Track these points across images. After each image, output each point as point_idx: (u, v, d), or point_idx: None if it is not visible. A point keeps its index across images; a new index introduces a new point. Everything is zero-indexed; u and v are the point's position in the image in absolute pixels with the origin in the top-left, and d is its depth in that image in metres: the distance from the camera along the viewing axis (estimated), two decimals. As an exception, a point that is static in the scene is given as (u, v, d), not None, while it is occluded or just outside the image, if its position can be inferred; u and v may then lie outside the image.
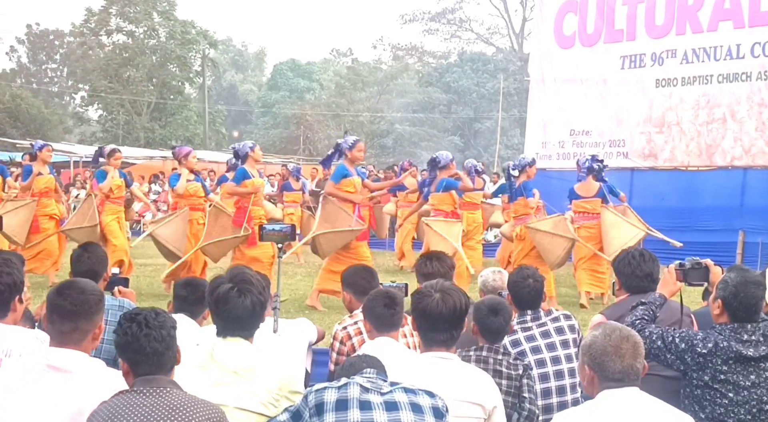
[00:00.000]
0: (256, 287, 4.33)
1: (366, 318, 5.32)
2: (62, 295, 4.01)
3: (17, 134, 46.98)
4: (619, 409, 3.80)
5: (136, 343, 3.64)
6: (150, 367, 3.65)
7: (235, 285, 4.31)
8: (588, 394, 4.03)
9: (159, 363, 3.66)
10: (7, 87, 58.71)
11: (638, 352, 3.90)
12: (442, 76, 59.14)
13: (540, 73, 22.65)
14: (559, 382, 5.59)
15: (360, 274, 6.52)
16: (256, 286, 4.34)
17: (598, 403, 3.87)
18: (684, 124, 19.35)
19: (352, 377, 3.96)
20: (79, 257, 6.24)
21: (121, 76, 57.68)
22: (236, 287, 4.30)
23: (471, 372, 4.59)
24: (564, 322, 5.82)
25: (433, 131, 55.57)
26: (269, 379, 4.17)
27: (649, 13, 20.03)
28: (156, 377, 3.64)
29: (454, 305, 4.44)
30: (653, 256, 5.83)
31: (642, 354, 3.92)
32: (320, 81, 70.24)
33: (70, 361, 3.90)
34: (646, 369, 3.97)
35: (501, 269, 7.13)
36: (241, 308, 4.26)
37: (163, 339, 3.67)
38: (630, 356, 3.87)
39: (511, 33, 63.52)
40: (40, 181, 13.87)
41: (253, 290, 4.31)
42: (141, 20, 57.67)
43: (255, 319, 4.35)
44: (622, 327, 4.02)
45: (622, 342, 3.89)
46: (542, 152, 21.44)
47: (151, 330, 3.65)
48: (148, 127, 56.28)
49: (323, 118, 59.61)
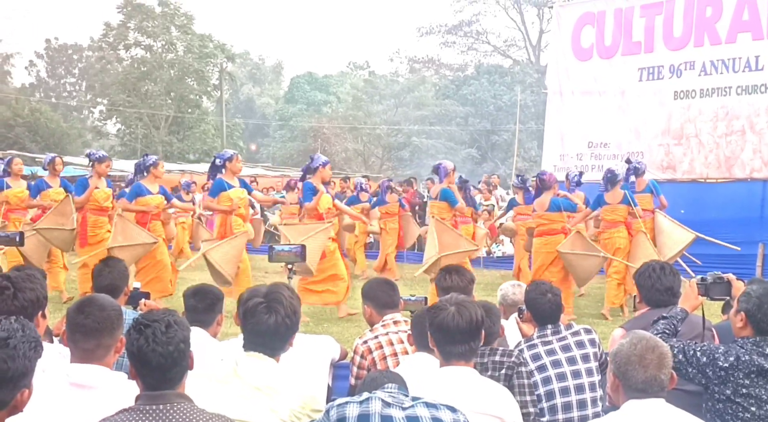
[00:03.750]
0: (285, 308, 4.28)
1: (412, 331, 5.38)
2: (83, 313, 4.01)
3: (36, 148, 47.22)
4: (644, 421, 3.79)
5: (142, 356, 3.57)
6: (154, 381, 3.59)
7: (265, 301, 4.28)
8: (614, 404, 4.01)
9: (164, 378, 3.59)
10: (27, 101, 59.15)
11: (663, 363, 3.88)
12: (459, 88, 59.12)
13: (557, 86, 22.63)
14: (580, 396, 5.57)
15: (380, 287, 6.45)
16: (285, 307, 4.29)
17: (623, 414, 3.85)
18: (703, 136, 19.30)
19: (374, 392, 3.95)
20: (100, 272, 6.25)
21: (140, 90, 58.05)
22: (266, 303, 4.28)
23: (490, 385, 4.57)
24: (584, 336, 5.80)
25: (450, 143, 55.49)
26: (292, 397, 4.15)
27: (667, 25, 19.99)
28: (162, 392, 3.56)
29: (470, 317, 4.43)
30: (674, 270, 5.81)
31: (668, 365, 3.89)
32: (337, 94, 70.34)
33: (92, 377, 3.91)
34: (675, 382, 3.95)
35: (520, 283, 7.12)
36: (266, 326, 4.24)
37: (169, 355, 3.57)
38: (654, 366, 3.85)
39: (528, 45, 63.51)
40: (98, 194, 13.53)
41: (281, 310, 4.27)
42: (159, 34, 58.03)
43: (279, 338, 4.30)
44: (650, 336, 3.99)
45: (647, 352, 3.87)
46: (560, 164, 21.42)
47: (158, 345, 3.56)
48: (166, 140, 56.52)
49: (340, 131, 59.73)
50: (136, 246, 12.24)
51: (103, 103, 65.17)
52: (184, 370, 3.66)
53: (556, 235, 13.10)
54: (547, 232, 13.22)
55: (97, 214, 13.24)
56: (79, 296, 7.84)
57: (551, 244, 13.02)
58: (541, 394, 5.51)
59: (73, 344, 4.00)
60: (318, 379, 5.74)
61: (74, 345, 4.00)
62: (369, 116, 60.96)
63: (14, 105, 56.26)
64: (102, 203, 13.27)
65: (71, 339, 4.01)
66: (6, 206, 13.96)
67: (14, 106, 55.77)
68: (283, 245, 6.85)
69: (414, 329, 5.45)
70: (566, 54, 22.39)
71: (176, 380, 3.62)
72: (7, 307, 4.43)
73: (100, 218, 13.25)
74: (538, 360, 5.61)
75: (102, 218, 13.27)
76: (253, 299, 4.33)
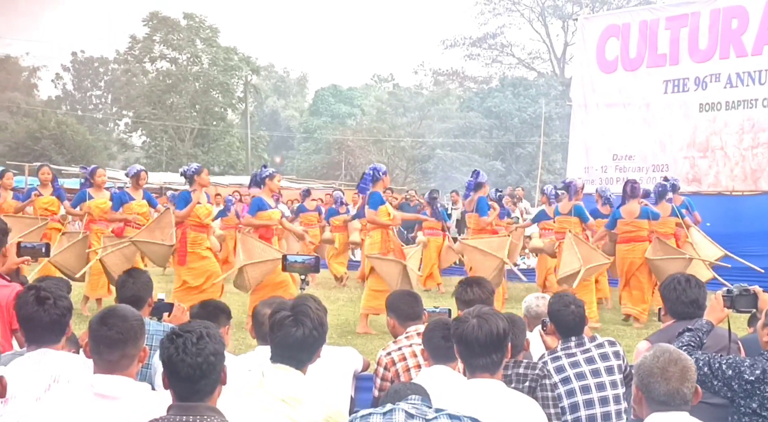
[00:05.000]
0: (312, 321, 4.28)
1: (424, 346, 5.35)
2: (106, 325, 4.01)
3: (63, 161, 47.56)
4: None
5: (172, 365, 3.58)
6: (183, 391, 3.59)
7: (292, 314, 4.29)
8: (638, 416, 3.99)
9: (192, 389, 3.58)
10: (53, 114, 59.60)
11: (686, 377, 3.86)
12: (484, 101, 59.01)
13: (582, 98, 22.62)
14: (605, 409, 5.53)
15: (403, 299, 6.46)
16: (312, 319, 4.29)
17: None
18: (728, 148, 19.24)
19: (397, 403, 3.95)
20: (124, 283, 6.27)
21: (165, 103, 58.38)
22: (293, 316, 4.28)
23: (518, 397, 4.55)
24: (609, 348, 5.76)
25: (474, 155, 55.37)
26: (316, 409, 4.14)
27: (692, 37, 19.96)
28: (193, 404, 3.56)
29: (491, 330, 4.40)
30: (700, 282, 5.79)
31: (691, 379, 3.87)
32: (361, 106, 70.38)
33: (116, 387, 3.92)
34: (699, 396, 3.92)
35: (545, 295, 7.08)
36: (293, 338, 4.24)
37: (198, 366, 3.56)
38: (676, 379, 3.83)
39: (553, 58, 63.45)
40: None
41: (308, 322, 4.27)
42: (184, 47, 58.35)
43: (306, 351, 4.31)
44: (674, 349, 3.98)
45: (669, 364, 3.86)
46: (585, 176, 21.37)
47: (187, 355, 3.55)
48: (191, 153, 56.72)
49: (365, 143, 59.75)
50: (267, 263, 11.71)
51: (129, 115, 65.59)
52: (213, 383, 3.64)
53: (643, 242, 13.69)
54: (634, 239, 13.71)
55: (198, 231, 12.24)
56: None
57: (638, 251, 13.63)
58: (566, 407, 5.48)
59: (97, 356, 4.01)
60: (342, 391, 5.73)
61: (99, 356, 4.00)
62: (393, 128, 60.96)
63: (41, 117, 56.68)
64: (203, 219, 12.26)
65: (95, 351, 4.01)
66: (88, 217, 13.74)
67: (41, 118, 56.19)
68: (296, 256, 6.78)
69: (427, 343, 5.40)
70: (591, 66, 22.38)
71: (205, 392, 3.61)
72: (49, 316, 4.52)
73: (200, 235, 12.27)
74: (562, 373, 5.58)
75: (201, 235, 12.28)
76: (281, 312, 4.34)
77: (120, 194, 13.73)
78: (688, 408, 3.84)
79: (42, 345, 4.49)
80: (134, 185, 13.64)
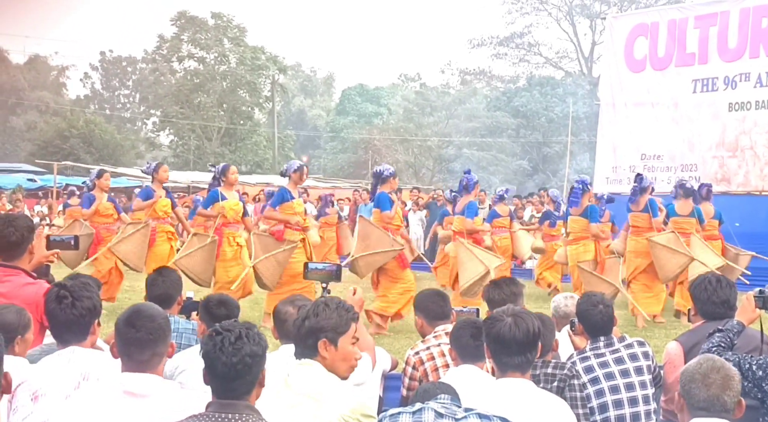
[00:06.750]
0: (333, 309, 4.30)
1: (452, 345, 5.35)
2: (135, 326, 4.00)
3: (91, 160, 47.75)
4: None
5: (209, 362, 3.57)
6: (219, 389, 3.58)
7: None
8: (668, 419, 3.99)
9: (228, 388, 3.57)
10: (81, 113, 59.96)
11: (728, 385, 3.86)
12: (511, 100, 58.81)
13: (610, 97, 22.55)
14: (634, 409, 5.51)
15: (432, 299, 6.44)
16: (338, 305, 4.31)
17: None
18: (758, 148, 19.13)
19: (427, 402, 3.95)
20: (154, 281, 6.31)
21: (192, 102, 58.53)
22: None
23: (547, 397, 4.54)
24: (638, 349, 5.73)
25: (501, 155, 55.23)
26: (341, 403, 4.13)
27: (721, 36, 19.84)
28: (232, 402, 3.54)
29: (527, 328, 4.41)
30: (731, 282, 5.76)
31: (733, 388, 3.87)
32: (388, 106, 70.30)
33: (146, 386, 3.93)
34: (743, 409, 3.91)
35: (573, 295, 7.06)
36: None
37: (233, 366, 3.53)
38: (717, 387, 3.83)
39: (581, 57, 63.18)
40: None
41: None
42: (212, 46, 58.47)
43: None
44: (718, 358, 4.00)
45: (711, 371, 3.86)
46: (612, 176, 21.33)
47: (223, 354, 3.53)
48: (218, 152, 56.86)
49: (391, 143, 59.74)
50: (377, 254, 11.76)
51: (156, 114, 65.91)
52: (249, 384, 3.61)
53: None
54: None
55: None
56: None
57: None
58: (594, 407, 5.46)
59: (127, 357, 4.01)
60: (369, 387, 5.73)
61: (128, 357, 4.00)
62: (420, 127, 60.87)
63: (69, 116, 56.96)
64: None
65: (125, 352, 4.01)
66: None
67: (69, 117, 56.44)
68: (317, 263, 6.69)
69: (454, 342, 5.43)
70: (619, 65, 22.31)
71: (241, 391, 3.58)
72: (66, 316, 4.50)
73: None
74: (591, 373, 5.56)
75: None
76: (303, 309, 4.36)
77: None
78: (729, 416, 3.83)
79: (69, 343, 4.50)
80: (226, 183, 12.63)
